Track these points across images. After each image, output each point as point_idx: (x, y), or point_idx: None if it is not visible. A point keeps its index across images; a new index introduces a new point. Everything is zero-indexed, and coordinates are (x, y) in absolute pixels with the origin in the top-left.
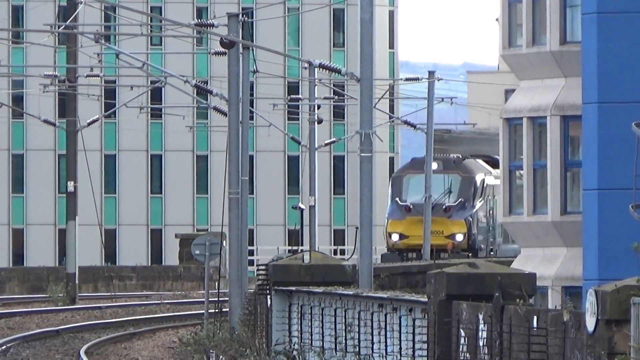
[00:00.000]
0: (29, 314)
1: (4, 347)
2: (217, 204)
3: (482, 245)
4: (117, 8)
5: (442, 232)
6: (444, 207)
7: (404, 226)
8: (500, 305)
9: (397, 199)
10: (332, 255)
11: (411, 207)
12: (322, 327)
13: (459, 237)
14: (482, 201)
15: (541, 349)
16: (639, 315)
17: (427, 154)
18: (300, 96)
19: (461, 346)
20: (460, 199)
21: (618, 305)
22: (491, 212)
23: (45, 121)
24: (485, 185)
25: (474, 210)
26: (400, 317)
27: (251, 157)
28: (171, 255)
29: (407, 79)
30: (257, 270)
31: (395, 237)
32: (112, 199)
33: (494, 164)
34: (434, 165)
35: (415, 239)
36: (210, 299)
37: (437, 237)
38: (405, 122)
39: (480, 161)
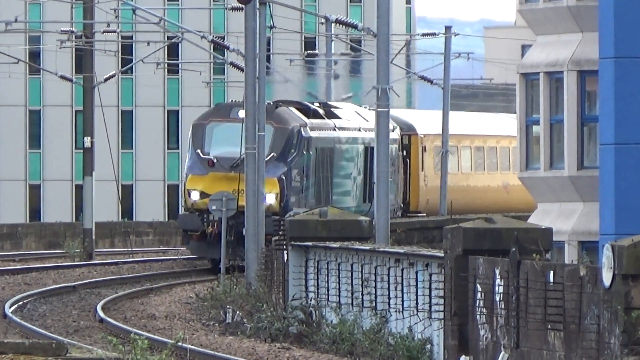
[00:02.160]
0: (46, 269)
1: (20, 302)
2: None
3: (295, 208)
4: None
5: None
6: None
7: (206, 183)
8: (517, 260)
9: (199, 151)
10: None
11: (215, 160)
12: (339, 283)
13: (270, 199)
14: (297, 156)
15: (557, 303)
16: None
17: (445, 109)
18: (317, 52)
19: (478, 301)
20: (272, 154)
21: (635, 259)
22: (305, 169)
23: (62, 77)
24: (300, 137)
25: (289, 167)
26: (416, 272)
27: None
28: None
29: (423, 35)
30: None
31: (195, 196)
32: (129, 155)
33: (307, 112)
34: (242, 113)
35: None
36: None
37: (243, 198)
38: (422, 78)
39: (293, 109)
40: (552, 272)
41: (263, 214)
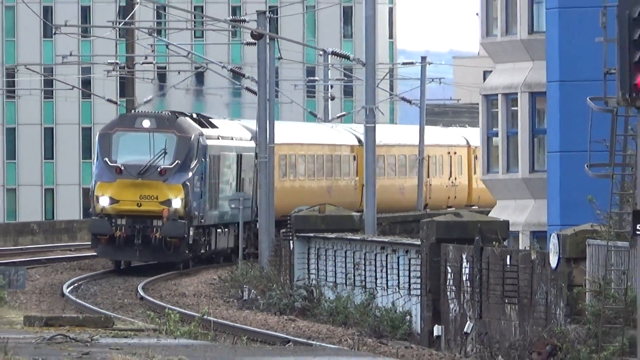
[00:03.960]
0: (96, 257)
1: (75, 284)
2: None
3: (196, 212)
4: (166, 7)
5: (157, 197)
6: (159, 169)
7: (114, 189)
8: (480, 247)
9: (107, 159)
10: None
11: (122, 168)
12: (335, 266)
13: (176, 203)
14: (197, 163)
15: (513, 282)
16: (593, 254)
17: (421, 125)
18: (316, 78)
19: (448, 280)
20: (177, 161)
21: (576, 246)
22: (202, 175)
23: (109, 100)
24: (199, 145)
25: (191, 173)
26: (398, 257)
27: None
28: None
29: (403, 63)
30: None
31: (104, 201)
32: None
33: (199, 122)
34: (146, 123)
35: (127, 203)
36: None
37: (150, 203)
38: (402, 99)
39: (189, 119)
40: (509, 257)
41: (273, 212)
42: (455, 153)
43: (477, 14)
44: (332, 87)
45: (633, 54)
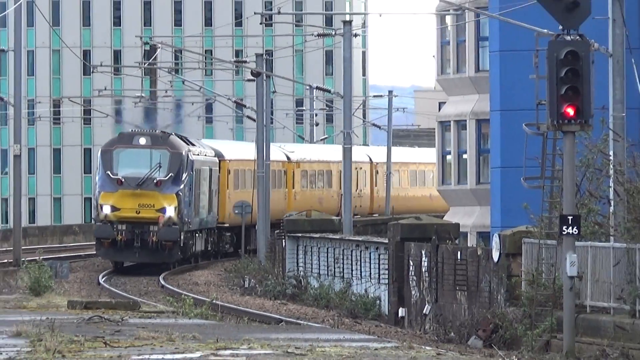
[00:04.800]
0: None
1: (108, 275)
2: None
3: (186, 219)
4: (182, 50)
5: (153, 205)
6: (155, 181)
7: (116, 198)
8: (436, 244)
9: (109, 172)
10: None
11: (123, 180)
12: (319, 260)
13: (170, 211)
14: (187, 176)
15: (463, 273)
16: (527, 250)
17: (388, 146)
18: (303, 107)
19: (410, 272)
20: (170, 174)
21: (514, 244)
22: (190, 186)
23: (136, 126)
24: (188, 160)
25: (183, 184)
26: (370, 253)
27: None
28: None
29: (374, 96)
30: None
31: (107, 209)
32: None
33: (185, 140)
34: (142, 141)
35: (127, 211)
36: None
37: (147, 211)
38: (373, 124)
39: (177, 137)
40: (459, 253)
41: (269, 217)
42: (360, 168)
43: (433, 56)
44: (316, 115)
45: (560, 88)
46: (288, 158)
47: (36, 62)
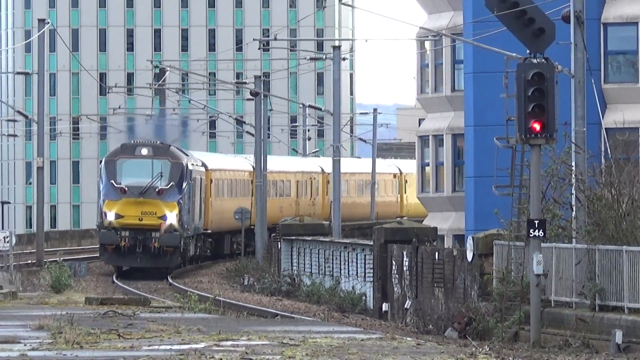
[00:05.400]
0: None
1: (120, 276)
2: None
3: (186, 225)
4: (188, 73)
5: (156, 213)
6: (157, 189)
7: (119, 206)
8: (416, 246)
9: (112, 181)
10: None
11: (126, 188)
12: (311, 260)
13: (171, 218)
14: (187, 185)
15: (440, 271)
16: (498, 251)
17: (373, 158)
18: (297, 124)
19: (393, 270)
20: (171, 183)
21: (486, 245)
22: (189, 194)
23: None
24: (187, 169)
25: (183, 193)
26: (357, 254)
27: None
28: None
29: (360, 113)
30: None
31: (111, 217)
32: None
33: (183, 152)
34: (144, 151)
35: (130, 218)
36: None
37: (150, 218)
38: (360, 139)
39: (176, 148)
40: (437, 253)
41: (266, 222)
42: (314, 179)
43: (414, 77)
44: (309, 130)
45: (527, 106)
46: (253, 168)
47: (57, 83)
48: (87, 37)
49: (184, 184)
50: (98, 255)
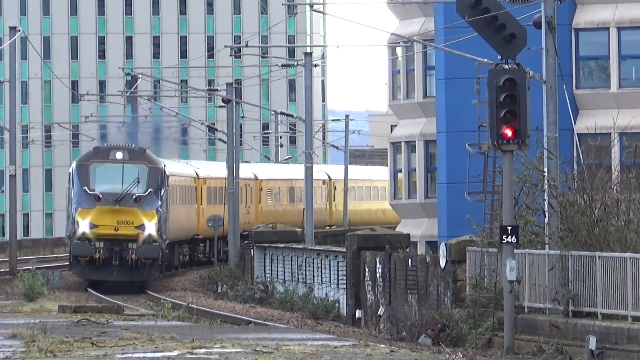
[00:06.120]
0: None
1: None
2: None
3: (164, 236)
4: (160, 80)
5: (133, 222)
6: (134, 197)
7: (94, 215)
8: (389, 253)
9: (85, 187)
10: None
11: (101, 196)
12: (284, 267)
13: (150, 228)
14: (165, 192)
15: (413, 278)
16: (471, 257)
17: (345, 165)
18: (269, 131)
19: (366, 277)
20: (149, 189)
21: (459, 251)
22: (167, 201)
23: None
24: (165, 175)
25: (162, 200)
26: (330, 261)
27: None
28: None
29: (332, 120)
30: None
31: (84, 226)
32: None
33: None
34: (119, 155)
35: (106, 228)
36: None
37: (126, 228)
38: (332, 145)
39: (151, 152)
40: (410, 260)
41: (238, 230)
42: (248, 185)
43: (385, 84)
44: (281, 137)
45: (499, 112)
46: (197, 175)
47: (29, 91)
48: (58, 45)
49: (163, 191)
50: (68, 265)
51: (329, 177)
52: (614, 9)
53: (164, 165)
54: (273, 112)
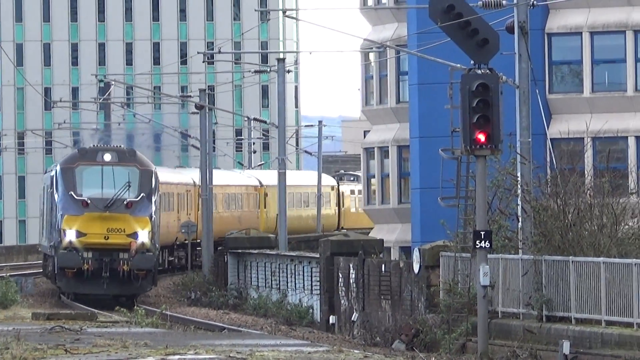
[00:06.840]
0: None
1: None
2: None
3: (157, 244)
4: (133, 87)
5: (124, 230)
6: (125, 202)
7: (81, 223)
8: (363, 258)
9: (72, 192)
10: None
11: (89, 202)
12: (258, 274)
13: (143, 236)
14: (157, 196)
15: (387, 283)
16: (445, 263)
17: (319, 172)
18: (242, 137)
19: (340, 283)
20: (142, 194)
21: (432, 257)
22: (158, 206)
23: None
24: (157, 179)
25: (155, 206)
26: (303, 267)
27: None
28: None
29: (306, 126)
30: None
31: (71, 235)
32: None
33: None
34: (108, 157)
35: (95, 236)
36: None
37: (117, 236)
38: (305, 151)
39: (141, 154)
40: (383, 265)
41: (212, 236)
42: (188, 191)
43: (358, 89)
44: (254, 143)
45: (472, 117)
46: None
47: (2, 98)
48: (31, 52)
49: (155, 195)
50: (42, 272)
51: (260, 182)
52: (586, 13)
53: (155, 168)
54: (246, 118)
